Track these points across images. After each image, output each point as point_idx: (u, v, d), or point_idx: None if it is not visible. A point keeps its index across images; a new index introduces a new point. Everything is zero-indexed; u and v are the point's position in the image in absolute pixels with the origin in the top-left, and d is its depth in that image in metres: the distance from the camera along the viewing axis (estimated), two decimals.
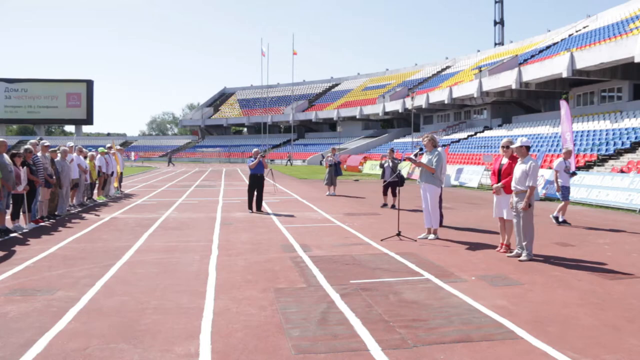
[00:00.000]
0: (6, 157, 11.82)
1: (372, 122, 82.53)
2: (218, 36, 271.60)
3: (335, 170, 22.17)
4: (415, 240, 10.81)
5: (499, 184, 9.55)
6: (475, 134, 50.51)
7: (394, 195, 17.38)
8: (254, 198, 16.19)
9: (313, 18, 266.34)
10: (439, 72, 77.78)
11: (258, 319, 5.92)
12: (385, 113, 71.90)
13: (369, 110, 75.72)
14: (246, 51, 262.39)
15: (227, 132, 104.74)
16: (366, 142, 71.14)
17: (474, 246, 10.32)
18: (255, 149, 16.97)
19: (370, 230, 12.21)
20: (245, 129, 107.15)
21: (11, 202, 12.23)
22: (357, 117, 77.34)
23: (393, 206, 17.11)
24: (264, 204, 16.63)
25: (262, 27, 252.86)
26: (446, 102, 55.82)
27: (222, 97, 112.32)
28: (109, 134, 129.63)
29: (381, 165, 18.39)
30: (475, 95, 49.64)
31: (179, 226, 13.18)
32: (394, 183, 17.34)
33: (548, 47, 53.57)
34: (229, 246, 10.40)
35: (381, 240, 10.84)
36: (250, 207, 16.19)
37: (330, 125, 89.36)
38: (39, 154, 13.75)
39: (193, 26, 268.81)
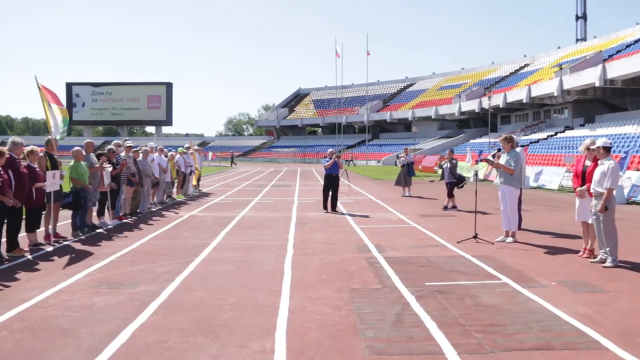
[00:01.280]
0: (93, 156, 12.40)
1: (447, 122, 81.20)
2: (293, 37, 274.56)
3: (408, 170, 21.95)
4: (493, 243, 10.57)
5: (583, 187, 9.17)
6: (556, 134, 48.80)
7: (449, 196, 17.09)
8: (329, 198, 16.27)
9: (387, 18, 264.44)
10: (516, 71, 75.63)
11: (333, 318, 5.95)
12: (461, 113, 70.61)
13: (444, 110, 74.57)
14: (320, 52, 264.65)
15: (302, 132, 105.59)
16: (442, 143, 70.05)
17: (554, 250, 9.98)
18: (330, 150, 17.05)
19: (446, 232, 12.03)
20: (319, 130, 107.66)
21: (97, 199, 12.79)
22: (433, 117, 76.31)
23: (446, 207, 16.86)
24: (338, 204, 16.68)
25: (336, 28, 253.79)
26: (524, 101, 54.25)
27: (297, 98, 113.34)
28: (187, 135, 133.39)
29: (440, 166, 18.11)
30: (555, 94, 47.99)
31: (255, 225, 13.41)
32: (452, 184, 17.05)
33: (636, 42, 51.06)
34: (304, 246, 10.49)
35: (457, 242, 10.66)
36: (325, 207, 16.28)
37: (405, 125, 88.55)
38: (122, 154, 14.33)
39: (268, 27, 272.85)
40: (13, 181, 9.14)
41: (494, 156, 11.47)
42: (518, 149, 11.14)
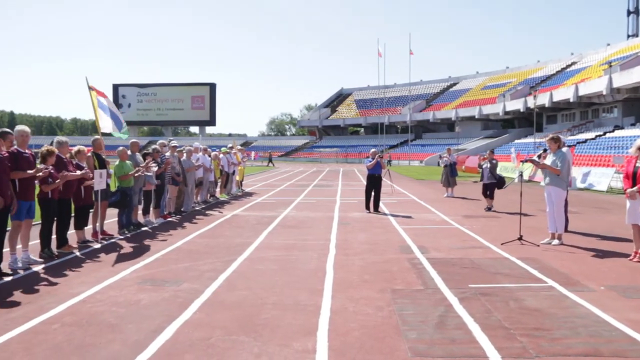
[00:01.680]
0: (138, 156, 12.64)
1: (491, 122, 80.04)
2: (336, 37, 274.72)
3: (451, 170, 21.72)
4: (538, 246, 10.37)
5: (634, 188, 8.90)
6: (604, 133, 47.55)
7: (490, 197, 16.82)
8: (372, 198, 16.23)
9: (430, 16, 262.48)
10: (563, 69, 74.02)
11: (375, 319, 5.93)
12: (506, 113, 69.51)
13: (488, 109, 73.52)
14: (363, 52, 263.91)
15: (344, 132, 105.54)
16: (485, 143, 69.04)
17: (602, 254, 9.73)
18: (373, 149, 17.01)
19: (490, 234, 11.86)
20: (362, 130, 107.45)
21: (142, 198, 13.06)
22: (476, 117, 75.34)
23: (489, 209, 16.60)
24: (381, 204, 16.62)
25: (378, 27, 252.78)
26: (571, 100, 53.08)
27: (339, 98, 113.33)
28: (230, 135, 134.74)
29: (479, 167, 17.84)
30: (604, 93, 46.81)
31: (298, 225, 13.47)
32: (491, 185, 16.77)
33: None
34: (347, 246, 10.49)
35: (501, 244, 10.49)
36: (367, 207, 16.24)
37: (448, 125, 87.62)
38: (167, 153, 14.58)
39: (311, 27, 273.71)
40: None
41: (539, 157, 11.23)
42: (564, 149, 10.91)
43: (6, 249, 8.31)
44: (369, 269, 8.41)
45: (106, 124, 11.99)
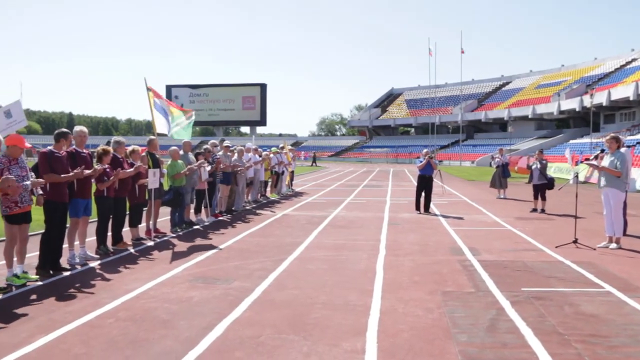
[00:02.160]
0: (191, 156, 12.86)
1: (545, 122, 78.24)
2: (386, 36, 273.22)
3: (503, 171, 21.31)
4: (595, 249, 10.07)
5: None
6: None
7: (542, 198, 16.37)
8: (422, 199, 16.09)
9: (482, 14, 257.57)
10: (622, 66, 71.69)
11: (425, 321, 5.88)
12: (561, 112, 67.84)
13: (542, 109, 71.89)
14: (413, 51, 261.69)
15: (394, 132, 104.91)
16: (539, 143, 67.44)
17: None
18: (425, 150, 16.87)
19: (544, 236, 11.58)
20: (412, 130, 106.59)
21: (194, 197, 13.28)
22: (530, 116, 73.78)
23: (543, 210, 16.15)
24: (431, 205, 16.45)
25: (429, 26, 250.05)
26: (631, 98, 51.46)
27: (389, 98, 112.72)
28: (280, 135, 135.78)
29: (528, 167, 17.41)
30: None
31: (348, 225, 13.46)
32: (542, 186, 16.34)
33: None
34: (396, 246, 10.42)
35: (556, 247, 10.23)
36: (417, 208, 16.11)
37: (500, 125, 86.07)
38: (219, 153, 14.78)
39: (361, 27, 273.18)
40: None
41: (596, 157, 10.91)
42: (623, 150, 10.57)
43: (65, 245, 8.59)
44: (419, 270, 8.34)
45: (161, 125, 12.24)
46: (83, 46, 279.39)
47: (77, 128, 8.94)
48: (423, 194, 16.09)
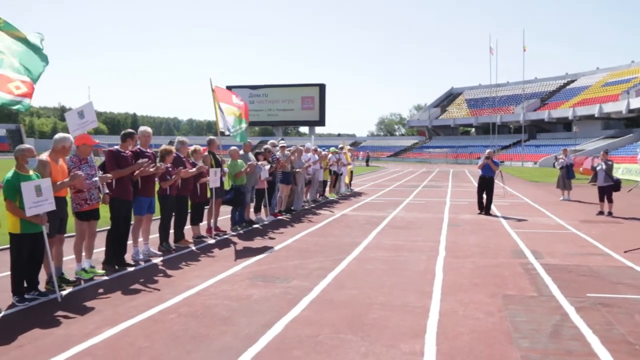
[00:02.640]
0: (251, 155, 13.02)
1: (613, 121, 75.40)
2: (445, 35, 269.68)
3: (567, 172, 20.67)
4: None
5: None
6: None
7: (609, 201, 15.71)
8: (483, 200, 15.81)
9: (545, 11, 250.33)
10: None
11: (485, 324, 5.77)
12: (630, 111, 65.26)
13: (609, 107, 69.34)
14: (473, 50, 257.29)
15: (454, 132, 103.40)
16: (606, 143, 65.06)
17: None
18: (488, 150, 16.56)
19: (611, 240, 11.17)
20: (472, 130, 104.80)
21: (254, 196, 13.43)
22: (596, 115, 71.29)
23: (609, 213, 15.50)
24: (492, 206, 16.13)
25: (490, 24, 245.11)
26: None
27: (449, 98, 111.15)
28: (339, 135, 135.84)
29: (593, 168, 16.77)
30: None
31: (407, 225, 13.35)
32: (608, 188, 15.69)
33: None
34: (456, 248, 10.27)
35: (625, 251, 9.84)
36: (480, 209, 15.84)
37: (564, 125, 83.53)
38: (277, 153, 14.91)
39: (420, 26, 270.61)
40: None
41: None
42: None
43: (129, 242, 8.84)
44: (479, 273, 8.20)
45: (224, 124, 12.48)
46: (147, 49, 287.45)
47: (142, 128, 9.21)
48: (484, 195, 15.80)
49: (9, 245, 6.69)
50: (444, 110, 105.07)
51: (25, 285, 6.63)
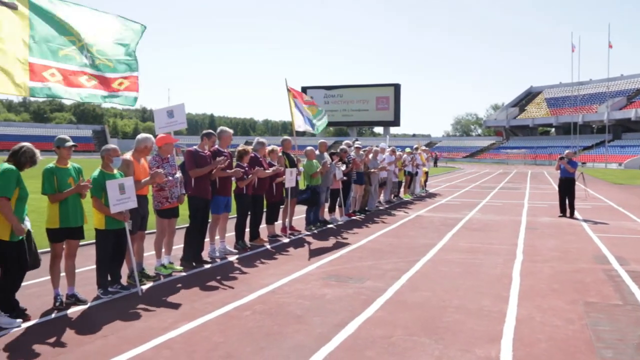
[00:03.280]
0: (326, 155, 13.08)
1: None
2: (523, 33, 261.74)
3: None
4: None
5: None
6: None
7: None
8: (565, 203, 15.28)
9: (632, 5, 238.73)
10: None
11: (565, 332, 5.57)
12: None
13: None
14: (554, 47, 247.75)
15: (533, 132, 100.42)
16: None
17: None
18: (567, 151, 16.01)
19: None
20: (552, 130, 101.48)
21: (329, 196, 13.49)
22: None
23: None
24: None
25: (571, 20, 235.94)
26: None
27: (528, 97, 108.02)
28: (414, 135, 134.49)
29: None
30: None
31: (483, 228, 13.08)
32: None
33: None
34: (534, 252, 9.97)
35: None
36: (561, 211, 15.33)
37: None
38: (352, 153, 14.92)
39: (497, 24, 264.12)
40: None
41: None
42: None
43: (206, 239, 9.08)
44: (558, 278, 7.93)
45: (300, 123, 12.66)
46: (224, 51, 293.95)
47: (223, 128, 9.41)
48: (565, 197, 15.28)
49: (94, 241, 7.01)
50: (522, 110, 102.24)
51: (109, 278, 6.94)
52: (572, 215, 15.10)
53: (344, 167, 13.55)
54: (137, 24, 7.51)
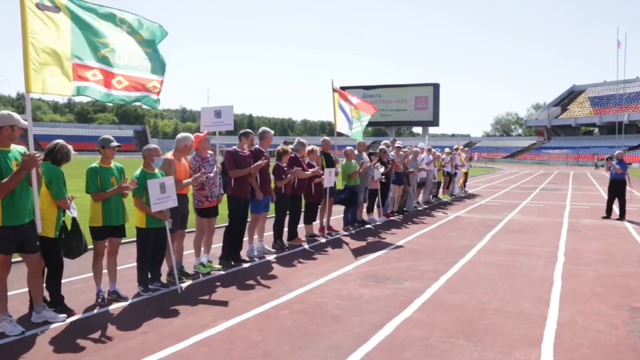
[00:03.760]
0: (365, 155, 13.05)
1: None
2: (565, 30, 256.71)
3: None
4: None
5: None
6: None
7: None
8: (612, 205, 14.93)
9: None
10: None
11: (609, 337, 5.44)
12: None
13: None
14: (598, 44, 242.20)
15: (575, 132, 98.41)
16: None
17: None
18: (617, 151, 15.66)
19: None
20: (596, 129, 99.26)
21: (367, 196, 13.46)
22: None
23: None
24: (617, 210, 15.16)
25: (617, 15, 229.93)
26: None
27: (570, 96, 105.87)
28: (453, 135, 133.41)
29: None
30: None
31: (523, 229, 12.87)
32: None
33: None
34: (577, 254, 9.77)
35: None
36: (606, 214, 15.00)
37: None
38: (392, 153, 14.85)
39: (539, 22, 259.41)
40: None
41: None
42: None
43: (245, 239, 9.15)
44: (602, 282, 7.75)
45: (342, 125, 12.66)
46: (262, 51, 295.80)
47: (266, 129, 9.44)
48: (615, 198, 14.95)
49: (135, 239, 7.13)
50: (564, 109, 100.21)
51: (149, 276, 7.06)
52: (622, 218, 14.71)
53: (382, 169, 13.49)
54: (156, 25, 7.50)
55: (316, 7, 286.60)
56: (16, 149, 5.49)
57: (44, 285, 5.91)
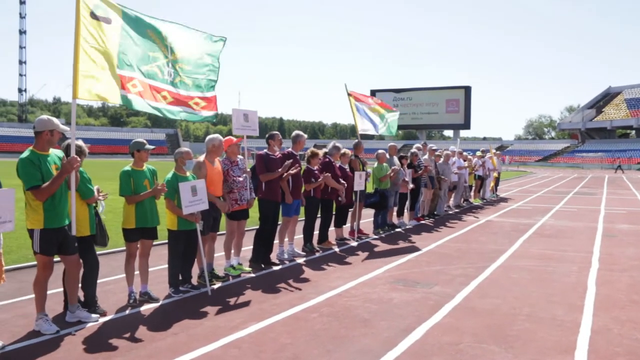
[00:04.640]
0: (396, 159, 13.01)
1: None
2: (600, 30, 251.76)
3: None
4: None
5: None
6: None
7: None
8: None
9: None
10: None
11: None
12: None
13: None
14: (634, 45, 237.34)
15: (610, 135, 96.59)
16: None
17: None
18: None
19: None
20: (633, 132, 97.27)
21: (397, 200, 13.41)
22: None
23: None
24: None
25: None
26: None
27: (605, 98, 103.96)
28: (484, 138, 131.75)
29: None
30: None
31: (556, 234, 12.67)
32: None
33: None
34: (612, 260, 9.58)
35: None
36: None
37: None
38: (425, 156, 14.78)
39: (573, 24, 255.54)
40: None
41: None
42: None
43: (275, 242, 9.19)
44: (638, 288, 7.58)
45: (364, 126, 12.65)
46: (292, 54, 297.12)
47: (299, 133, 9.47)
48: None
49: (167, 241, 7.22)
50: (599, 112, 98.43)
51: (180, 278, 7.14)
52: None
53: (410, 172, 13.43)
54: (218, 38, 7.74)
55: (348, 10, 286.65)
56: (55, 153, 5.61)
57: (79, 285, 6.04)
